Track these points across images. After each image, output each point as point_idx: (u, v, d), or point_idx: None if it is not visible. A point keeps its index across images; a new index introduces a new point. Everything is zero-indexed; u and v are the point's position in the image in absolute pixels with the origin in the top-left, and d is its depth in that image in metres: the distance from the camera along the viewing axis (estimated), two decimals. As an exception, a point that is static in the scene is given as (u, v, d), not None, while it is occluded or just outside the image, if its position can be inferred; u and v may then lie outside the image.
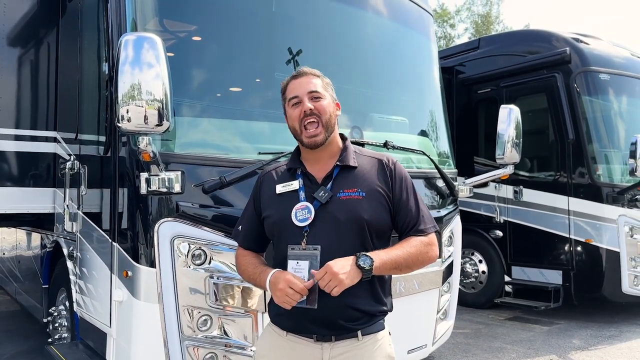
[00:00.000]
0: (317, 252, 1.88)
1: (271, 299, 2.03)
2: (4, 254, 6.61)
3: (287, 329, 1.97)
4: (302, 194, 1.98)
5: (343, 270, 1.78)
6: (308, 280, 1.85)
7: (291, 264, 1.90)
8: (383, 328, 2.00)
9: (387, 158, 2.08)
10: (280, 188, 2.03)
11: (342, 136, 2.12)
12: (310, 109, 1.96)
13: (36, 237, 5.21)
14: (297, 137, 2.04)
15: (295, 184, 2.01)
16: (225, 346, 2.94)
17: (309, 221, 1.92)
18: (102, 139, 3.41)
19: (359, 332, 1.92)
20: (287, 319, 1.95)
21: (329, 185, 1.97)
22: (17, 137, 4.44)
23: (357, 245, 1.91)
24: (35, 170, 4.46)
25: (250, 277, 2.07)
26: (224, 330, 2.96)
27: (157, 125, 2.48)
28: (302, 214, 1.93)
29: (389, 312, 2.03)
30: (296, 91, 2.01)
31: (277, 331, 2.00)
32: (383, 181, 2.00)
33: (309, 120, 1.97)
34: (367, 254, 1.86)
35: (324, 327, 1.90)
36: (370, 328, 1.95)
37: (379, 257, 1.86)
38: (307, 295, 1.83)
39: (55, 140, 4.43)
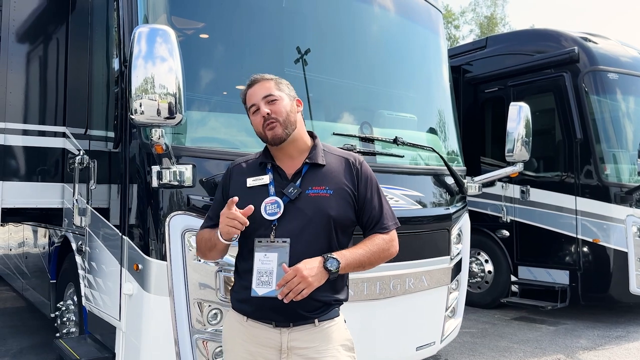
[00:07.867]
0: (286, 244, 1.94)
1: (232, 286, 2.12)
2: (10, 250, 6.63)
3: (247, 315, 2.03)
4: (272, 189, 2.04)
5: (312, 273, 1.86)
6: (276, 272, 1.90)
7: (258, 256, 1.96)
8: (338, 315, 2.08)
9: (353, 157, 2.16)
10: (250, 182, 2.09)
11: (311, 134, 2.18)
12: (268, 113, 2.04)
13: (43, 233, 5.22)
14: (264, 140, 2.12)
15: (265, 179, 2.07)
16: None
17: (278, 215, 1.98)
18: (112, 134, 3.41)
19: (316, 320, 2.00)
20: (247, 305, 2.01)
21: (297, 182, 2.03)
22: (26, 132, 4.45)
23: (323, 240, 1.99)
24: (43, 165, 4.47)
25: (206, 240, 2.08)
26: (234, 324, 2.95)
27: (170, 117, 2.49)
28: (272, 208, 2.00)
29: (344, 302, 2.12)
30: (252, 99, 2.10)
31: (238, 318, 2.07)
32: (349, 179, 2.08)
33: (268, 123, 2.05)
34: (334, 255, 1.93)
35: (283, 315, 1.97)
36: (327, 315, 2.03)
37: (345, 259, 1.95)
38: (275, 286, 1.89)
39: (64, 135, 4.44)
